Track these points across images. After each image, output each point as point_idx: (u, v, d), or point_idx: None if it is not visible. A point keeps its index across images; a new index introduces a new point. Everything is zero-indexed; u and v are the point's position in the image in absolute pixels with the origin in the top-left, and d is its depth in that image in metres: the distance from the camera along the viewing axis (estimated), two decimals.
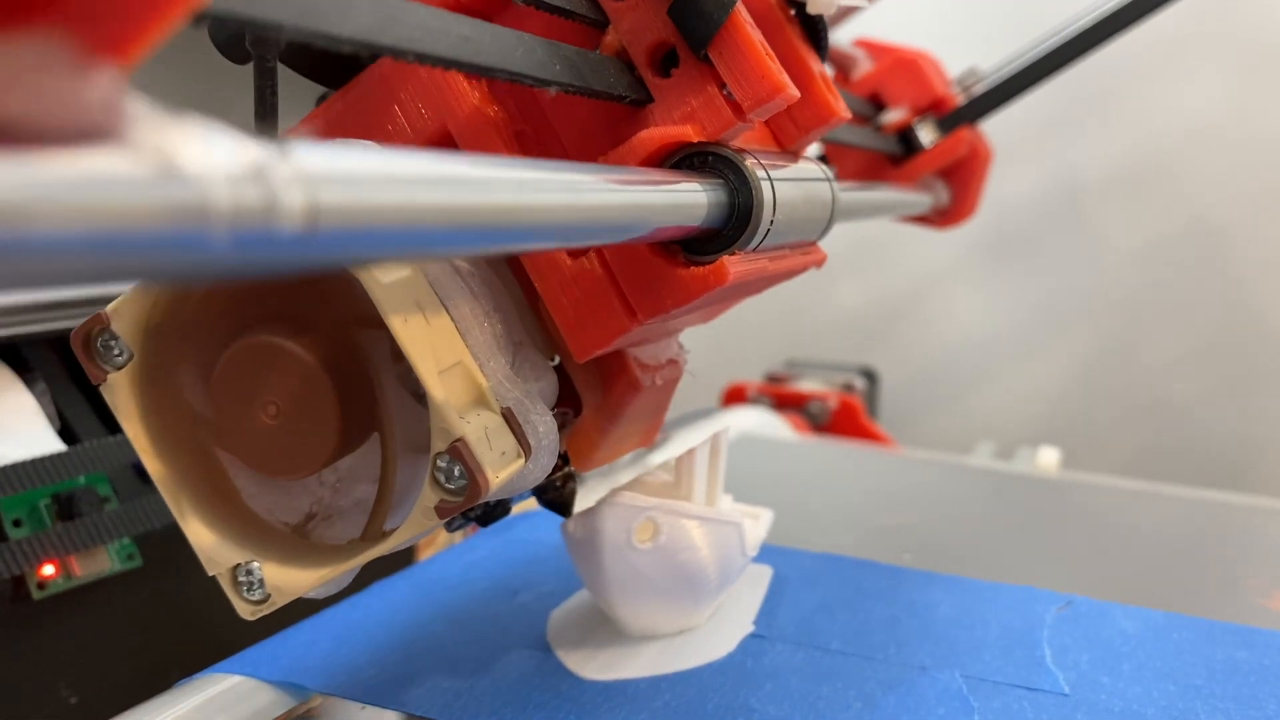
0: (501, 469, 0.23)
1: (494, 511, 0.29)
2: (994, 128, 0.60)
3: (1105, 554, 0.47)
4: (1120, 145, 0.92)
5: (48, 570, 0.38)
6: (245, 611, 0.25)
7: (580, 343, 0.26)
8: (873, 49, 0.58)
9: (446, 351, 0.23)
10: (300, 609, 0.33)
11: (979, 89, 0.57)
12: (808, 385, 0.85)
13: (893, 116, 0.56)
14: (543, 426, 0.25)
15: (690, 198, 0.23)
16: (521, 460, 0.24)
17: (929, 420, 1.02)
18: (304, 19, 0.14)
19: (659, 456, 0.36)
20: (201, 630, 0.43)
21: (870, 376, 0.89)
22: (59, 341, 0.43)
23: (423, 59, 0.18)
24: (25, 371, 0.42)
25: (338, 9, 0.15)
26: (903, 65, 0.56)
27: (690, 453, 0.36)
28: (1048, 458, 0.74)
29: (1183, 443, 0.92)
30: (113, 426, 0.43)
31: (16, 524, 0.38)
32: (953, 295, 1.00)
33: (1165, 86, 0.90)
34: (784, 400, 0.82)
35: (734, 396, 0.84)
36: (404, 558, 0.48)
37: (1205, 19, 0.84)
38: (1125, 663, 0.34)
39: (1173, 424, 0.93)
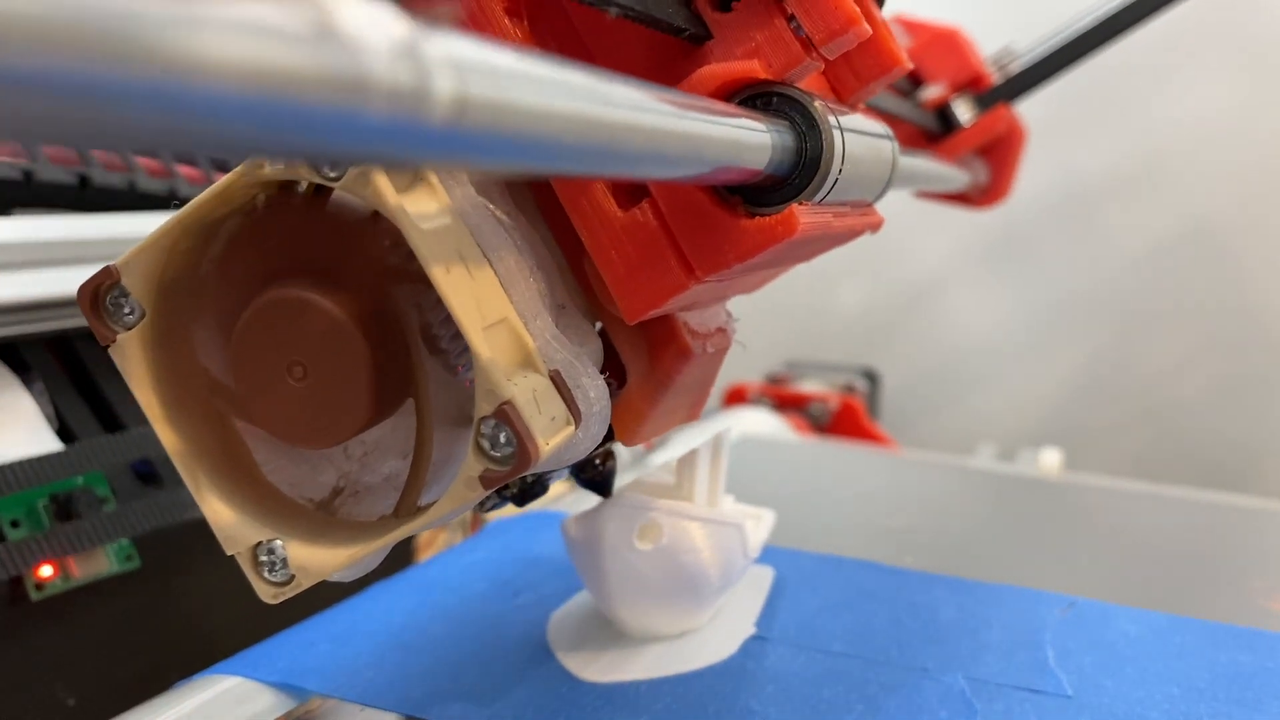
0: (551, 436, 0.22)
1: (532, 489, 0.28)
2: None
3: (1108, 556, 0.46)
4: (1123, 147, 0.92)
5: (45, 571, 0.38)
6: (267, 594, 0.23)
7: (631, 303, 0.24)
8: (909, 26, 0.58)
9: (491, 307, 0.21)
10: (299, 609, 0.32)
11: (1015, 67, 0.57)
12: (809, 386, 0.85)
13: (929, 94, 0.56)
14: (594, 392, 0.23)
15: (758, 138, 0.21)
16: (571, 427, 0.22)
17: (930, 421, 1.02)
18: None
19: (660, 457, 0.36)
20: (200, 631, 0.43)
21: (871, 377, 0.89)
22: (57, 341, 0.43)
23: None
24: (23, 371, 0.42)
25: None
26: (941, 41, 0.56)
27: (692, 454, 0.35)
28: (1050, 459, 0.74)
29: (1186, 444, 0.92)
30: (111, 426, 0.43)
31: (14, 525, 0.37)
32: (954, 296, 1.00)
33: (1169, 89, 0.90)
34: (785, 401, 0.82)
35: (735, 397, 0.84)
36: (403, 559, 0.48)
37: (1210, 20, 0.84)
38: (1129, 665, 0.34)
39: (1176, 426, 0.93)
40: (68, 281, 0.42)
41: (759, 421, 0.71)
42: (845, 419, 0.80)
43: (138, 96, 0.08)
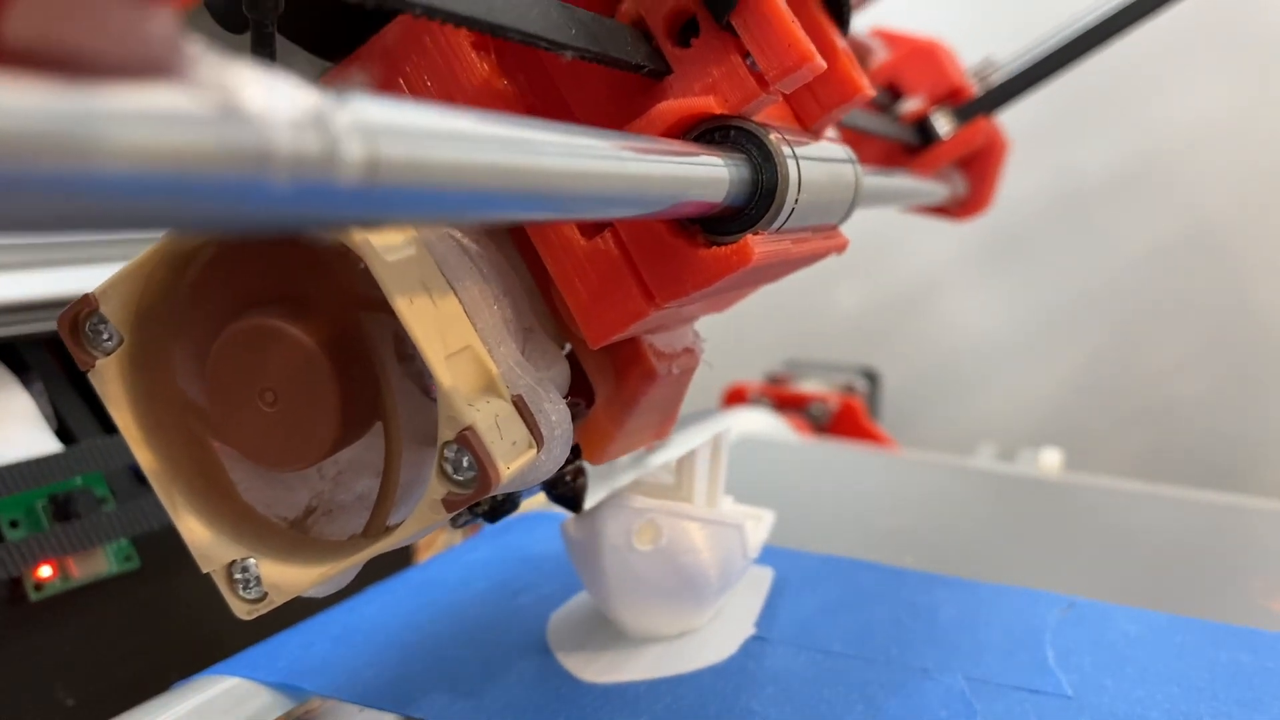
0: (513, 460, 0.22)
1: (502, 507, 0.29)
2: None
3: (1108, 556, 0.46)
4: (1123, 147, 0.92)
5: (45, 572, 0.38)
6: (241, 611, 0.24)
7: (595, 328, 0.25)
8: (889, 38, 0.58)
9: (454, 335, 0.22)
10: (298, 610, 0.32)
11: (996, 79, 0.57)
12: (809, 386, 0.85)
13: (909, 107, 0.56)
14: (555, 415, 0.24)
15: (714, 172, 0.22)
16: (533, 451, 0.23)
17: (931, 421, 1.02)
18: None
19: (659, 458, 0.36)
20: (199, 632, 0.43)
21: (872, 377, 0.89)
22: (56, 342, 0.43)
23: (431, 14, 0.17)
24: (22, 371, 0.42)
25: None
26: (920, 54, 0.56)
27: (691, 454, 0.35)
28: (1050, 459, 0.74)
29: (1186, 444, 0.92)
30: (110, 427, 0.43)
31: (13, 525, 0.37)
32: (955, 296, 1.00)
33: (1168, 88, 0.90)
34: (785, 401, 0.82)
35: (735, 398, 0.84)
36: (403, 559, 0.48)
37: (1209, 20, 0.84)
38: (1128, 665, 0.34)
39: (1175, 425, 0.93)
40: (68, 281, 0.42)
41: (759, 421, 0.71)
42: (845, 419, 0.80)
43: (47, 188, 0.08)
